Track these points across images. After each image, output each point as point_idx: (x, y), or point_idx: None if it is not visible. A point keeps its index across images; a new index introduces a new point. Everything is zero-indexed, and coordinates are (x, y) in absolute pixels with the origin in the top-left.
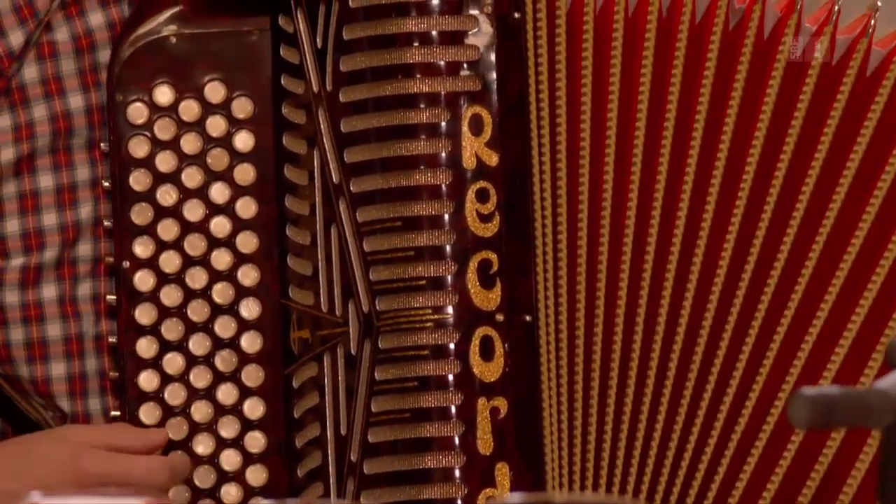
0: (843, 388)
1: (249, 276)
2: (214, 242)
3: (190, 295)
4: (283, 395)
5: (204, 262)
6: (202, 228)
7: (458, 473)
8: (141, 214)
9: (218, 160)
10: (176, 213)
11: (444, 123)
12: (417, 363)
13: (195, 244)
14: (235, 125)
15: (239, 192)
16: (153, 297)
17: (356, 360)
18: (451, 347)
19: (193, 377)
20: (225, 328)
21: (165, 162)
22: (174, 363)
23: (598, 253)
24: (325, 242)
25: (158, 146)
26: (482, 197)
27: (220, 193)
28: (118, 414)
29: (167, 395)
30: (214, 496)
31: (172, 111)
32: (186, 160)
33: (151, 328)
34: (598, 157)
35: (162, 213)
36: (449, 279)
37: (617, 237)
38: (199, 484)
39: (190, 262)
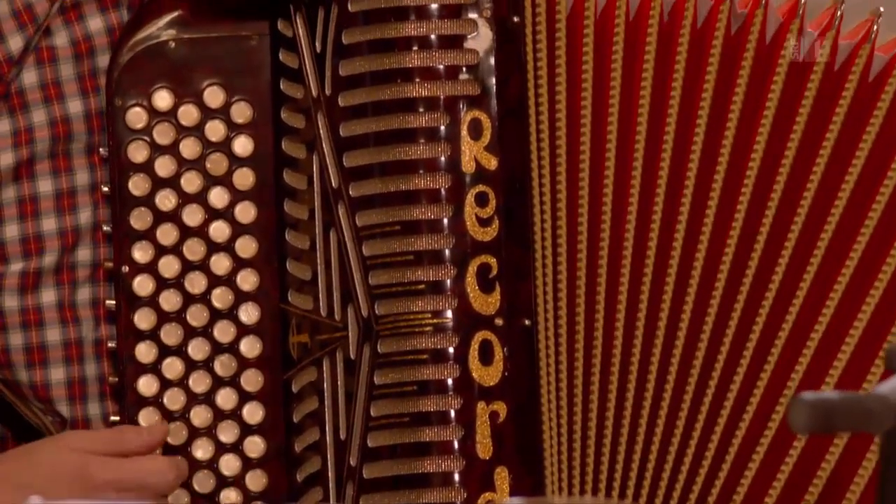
0: (842, 392)
1: (249, 280)
2: (214, 247)
3: (189, 300)
4: (282, 399)
5: (203, 266)
6: (201, 233)
7: (457, 478)
8: (140, 219)
9: (217, 165)
10: (175, 217)
11: (443, 127)
12: (417, 367)
13: (194, 249)
14: (234, 130)
15: (238, 196)
16: (152, 301)
17: (355, 364)
18: (450, 351)
19: (193, 382)
20: (224, 333)
21: (165, 167)
22: (173, 368)
23: (598, 257)
24: (324, 247)
25: (158, 151)
26: (481, 201)
27: (219, 198)
28: (118, 419)
29: (166, 399)
30: (214, 501)
31: (172, 116)
32: (186, 165)
33: (151, 333)
34: (598, 161)
35: (161, 217)
36: (448, 283)
37: (617, 241)
38: (198, 489)
39: (189, 266)
